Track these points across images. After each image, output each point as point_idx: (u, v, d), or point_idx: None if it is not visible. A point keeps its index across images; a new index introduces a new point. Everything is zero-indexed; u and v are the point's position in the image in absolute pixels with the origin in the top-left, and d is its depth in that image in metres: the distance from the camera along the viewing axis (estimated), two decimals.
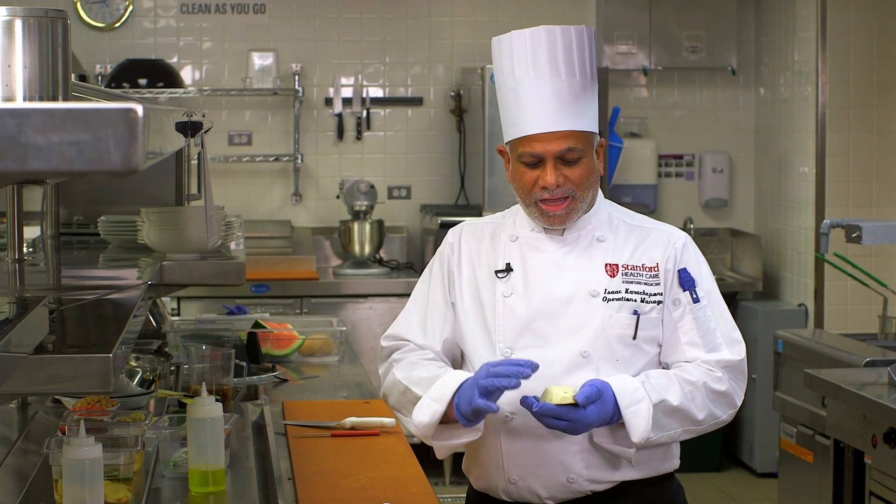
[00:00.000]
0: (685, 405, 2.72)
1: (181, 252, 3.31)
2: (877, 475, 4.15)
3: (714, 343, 2.81)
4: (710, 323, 2.81)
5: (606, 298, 2.76)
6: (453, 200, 7.37)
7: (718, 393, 2.79)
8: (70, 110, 1.30)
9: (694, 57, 7.46)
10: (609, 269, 2.79)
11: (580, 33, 2.78)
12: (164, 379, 3.88)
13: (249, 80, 7.17)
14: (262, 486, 2.98)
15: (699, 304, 2.80)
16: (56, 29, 1.61)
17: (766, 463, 6.86)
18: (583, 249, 2.81)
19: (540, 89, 2.74)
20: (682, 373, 2.77)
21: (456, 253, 2.89)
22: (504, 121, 2.83)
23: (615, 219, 2.87)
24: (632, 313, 2.76)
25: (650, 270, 2.80)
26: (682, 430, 2.75)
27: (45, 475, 2.76)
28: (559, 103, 2.73)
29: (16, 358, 1.79)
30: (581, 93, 2.75)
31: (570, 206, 2.76)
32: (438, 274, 2.91)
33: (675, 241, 2.84)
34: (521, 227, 2.86)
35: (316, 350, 4.58)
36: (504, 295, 2.80)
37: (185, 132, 2.77)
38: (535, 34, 2.77)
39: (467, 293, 2.84)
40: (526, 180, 2.76)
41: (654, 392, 2.70)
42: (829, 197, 6.40)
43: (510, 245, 2.85)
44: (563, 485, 2.77)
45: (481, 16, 7.38)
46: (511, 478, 2.79)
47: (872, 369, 4.39)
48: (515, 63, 2.78)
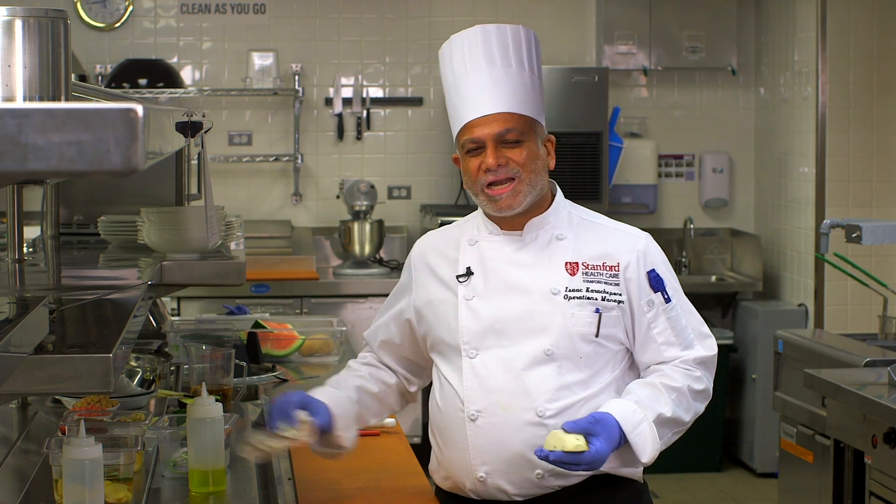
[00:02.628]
0: (676, 413, 2.80)
1: (181, 252, 3.31)
2: (877, 475, 4.15)
3: (687, 340, 2.85)
4: (681, 321, 2.85)
5: (567, 297, 2.79)
6: (453, 200, 7.37)
7: (699, 392, 2.86)
8: (70, 110, 1.30)
9: (694, 57, 7.46)
10: (569, 268, 2.82)
11: (516, 31, 2.84)
12: (164, 379, 3.88)
13: (249, 80, 7.17)
14: (262, 487, 2.98)
15: (671, 303, 2.84)
16: (56, 29, 1.61)
17: (767, 463, 6.86)
18: (541, 248, 2.83)
19: (477, 79, 2.79)
20: (666, 379, 2.82)
21: (418, 265, 2.95)
22: (451, 120, 2.87)
23: (575, 217, 2.89)
24: (594, 311, 2.79)
25: (611, 269, 2.82)
26: (672, 433, 2.83)
27: (46, 475, 2.76)
28: (495, 88, 2.78)
29: (16, 358, 1.79)
30: (518, 82, 2.79)
31: (516, 189, 2.77)
32: (398, 284, 3.01)
33: (637, 244, 2.86)
34: (480, 230, 2.89)
35: (316, 350, 4.58)
36: (466, 298, 2.83)
37: (185, 132, 2.77)
38: (470, 32, 2.85)
39: (428, 303, 2.90)
40: (471, 168, 2.80)
41: (649, 409, 2.76)
42: (829, 197, 6.40)
43: (469, 249, 2.88)
44: (532, 481, 2.79)
45: (481, 16, 7.38)
46: (479, 476, 2.80)
47: (872, 369, 4.39)
48: (454, 61, 2.84)
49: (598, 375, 2.80)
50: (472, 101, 2.78)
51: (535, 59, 2.84)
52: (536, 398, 2.75)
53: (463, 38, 2.84)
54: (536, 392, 2.76)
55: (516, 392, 2.76)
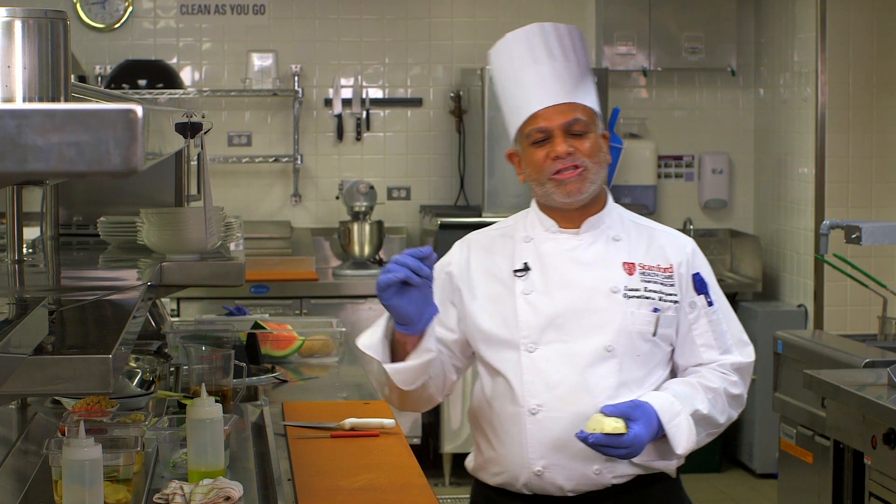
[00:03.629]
0: (711, 412, 2.84)
1: (181, 253, 3.31)
2: (876, 476, 4.15)
3: (726, 345, 2.91)
4: (721, 325, 2.91)
5: (627, 295, 2.82)
6: (453, 201, 7.37)
7: (734, 396, 2.91)
8: (70, 111, 1.30)
9: (693, 58, 7.46)
10: (626, 268, 2.86)
11: (570, 30, 2.90)
12: (163, 380, 3.87)
13: (249, 81, 7.17)
14: (262, 487, 2.98)
15: (713, 307, 2.91)
16: (56, 30, 1.61)
17: (766, 464, 6.86)
18: (600, 247, 2.87)
19: (539, 71, 2.83)
20: (703, 380, 2.87)
21: (463, 263, 2.92)
22: (509, 114, 2.89)
23: (626, 220, 2.94)
24: (652, 311, 2.83)
25: (665, 271, 2.87)
26: (706, 433, 2.87)
27: (45, 476, 2.76)
28: (559, 81, 2.82)
29: (15, 359, 1.79)
30: (578, 76, 2.84)
31: (584, 176, 2.81)
32: (438, 280, 2.89)
33: (686, 246, 2.93)
34: (534, 228, 2.91)
35: (315, 351, 4.58)
36: (524, 293, 2.84)
37: (185, 133, 2.77)
38: (528, 29, 2.91)
39: (482, 297, 2.88)
40: (537, 158, 2.82)
41: (687, 403, 2.80)
42: (829, 198, 6.39)
43: (524, 245, 2.89)
44: (589, 476, 2.81)
45: (481, 17, 7.39)
46: (536, 470, 2.81)
47: (872, 370, 4.39)
48: (514, 55, 2.87)
49: (651, 374, 2.85)
50: (537, 91, 2.82)
51: (587, 57, 2.91)
52: (598, 394, 2.78)
53: (521, 34, 2.89)
54: (598, 388, 2.79)
55: (578, 387, 2.79)
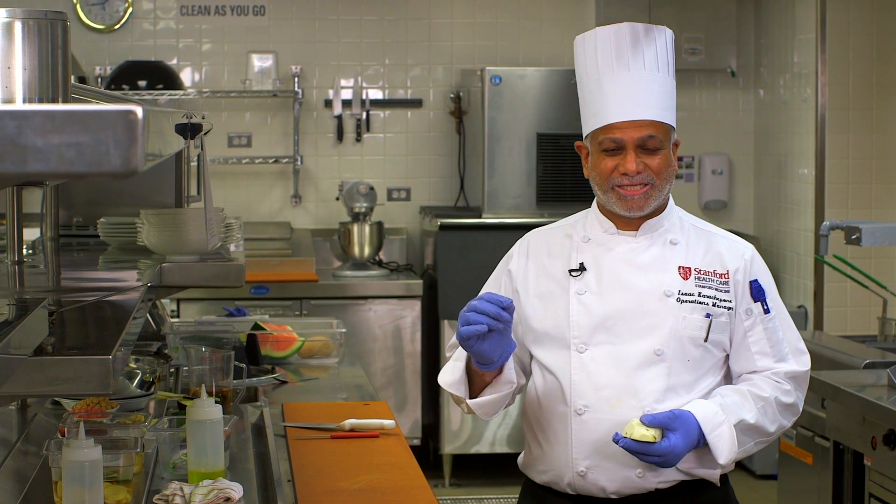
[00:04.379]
0: (760, 421, 2.83)
1: (181, 254, 3.31)
2: (876, 477, 4.15)
3: (782, 353, 2.89)
4: (778, 333, 2.89)
5: (680, 300, 2.82)
6: (453, 202, 7.37)
7: (786, 405, 2.88)
8: (70, 112, 1.30)
9: (693, 59, 7.46)
10: (682, 272, 2.86)
11: (662, 32, 2.91)
12: (163, 381, 3.87)
13: (249, 82, 7.17)
14: (262, 488, 2.98)
15: (769, 315, 2.89)
16: (56, 31, 1.61)
17: (766, 465, 6.86)
18: (656, 250, 2.87)
19: (624, 80, 2.83)
20: (754, 388, 2.85)
21: (523, 261, 2.94)
22: (585, 113, 2.91)
23: (686, 223, 2.94)
24: (704, 316, 2.82)
25: (721, 277, 2.87)
26: (755, 442, 2.85)
27: (45, 477, 2.76)
28: (642, 94, 2.81)
29: (15, 360, 1.79)
30: (662, 87, 2.84)
31: (648, 193, 2.82)
32: (494, 283, 2.98)
33: (745, 252, 2.92)
34: (593, 228, 2.91)
35: (315, 352, 4.58)
36: (578, 293, 2.84)
37: (185, 134, 2.77)
38: (619, 30, 2.90)
39: (535, 295, 2.89)
40: (605, 167, 2.83)
41: (732, 413, 2.79)
42: (829, 199, 6.40)
43: (583, 245, 2.90)
44: (632, 480, 2.81)
45: (481, 17, 7.39)
46: (580, 471, 2.82)
47: (872, 371, 4.39)
48: (599, 56, 2.87)
49: (701, 380, 2.84)
50: (618, 102, 2.81)
51: (673, 63, 2.89)
52: (644, 398, 2.78)
53: (611, 34, 2.88)
54: (645, 392, 2.79)
55: (625, 390, 2.79)
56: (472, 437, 6.75)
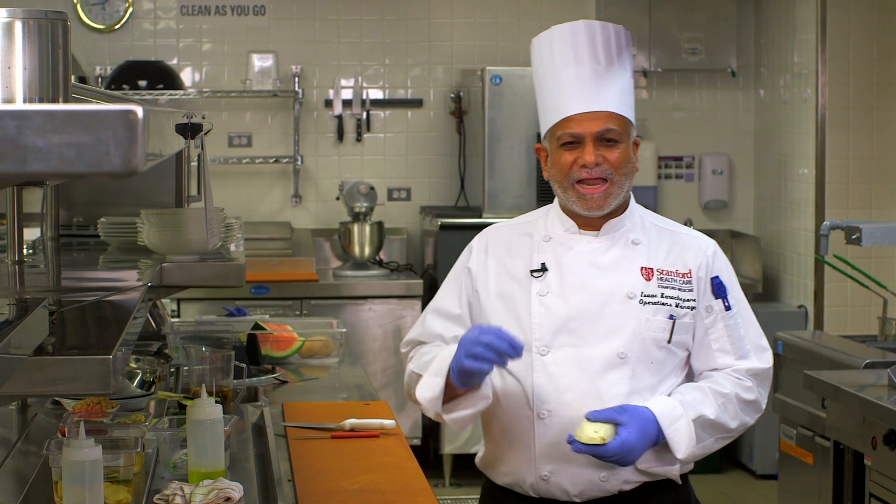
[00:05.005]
0: (720, 417, 2.80)
1: (181, 254, 3.31)
2: (877, 477, 4.15)
3: (743, 350, 2.86)
4: (739, 330, 2.87)
5: (643, 301, 2.80)
6: (453, 202, 7.37)
7: (748, 402, 2.85)
8: (70, 112, 1.30)
9: (693, 59, 7.46)
10: (644, 273, 2.83)
11: (618, 31, 2.90)
12: (163, 380, 3.87)
13: (249, 82, 7.17)
14: (262, 488, 2.98)
15: (730, 311, 2.86)
16: (56, 31, 1.61)
17: (766, 464, 6.86)
18: (619, 251, 2.84)
19: (580, 74, 2.81)
20: (715, 385, 2.83)
21: (482, 259, 2.90)
22: (543, 110, 2.87)
23: (647, 222, 2.91)
24: (668, 317, 2.80)
25: (684, 276, 2.85)
26: (714, 439, 2.82)
27: (45, 477, 2.76)
28: (599, 86, 2.80)
29: (16, 359, 1.79)
30: (619, 83, 2.82)
31: (608, 191, 2.79)
32: (453, 282, 2.93)
33: (707, 249, 2.90)
34: (554, 227, 2.88)
35: (316, 352, 4.58)
36: (540, 294, 2.82)
37: (185, 134, 2.77)
38: (575, 26, 2.89)
39: (496, 295, 2.86)
40: (564, 162, 2.80)
41: (691, 408, 2.76)
42: (829, 198, 6.39)
43: (543, 245, 2.87)
44: (595, 483, 2.80)
45: (481, 17, 7.39)
46: (543, 475, 2.81)
47: (872, 371, 4.39)
48: (556, 52, 2.85)
49: (664, 381, 2.83)
50: (575, 95, 2.79)
51: (631, 61, 2.88)
52: (608, 401, 2.76)
53: (566, 31, 2.87)
54: (609, 395, 2.76)
55: (589, 394, 2.77)
56: (473, 437, 6.75)
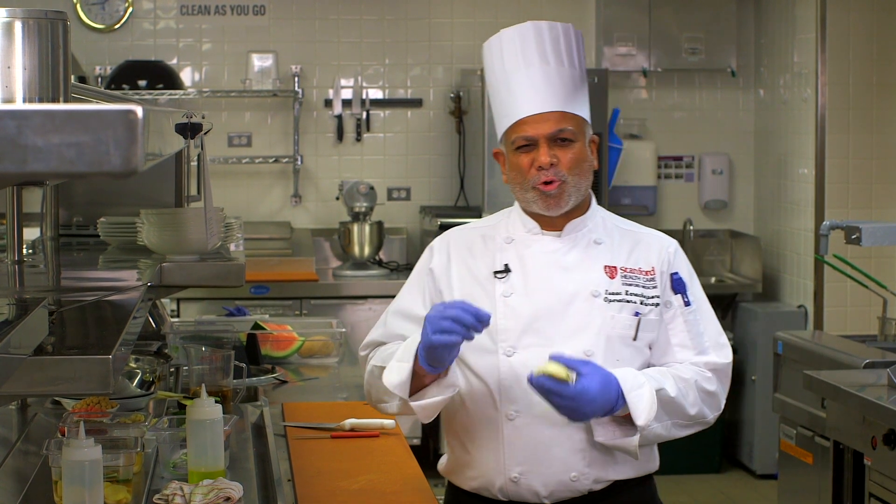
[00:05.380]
0: (679, 399, 2.77)
1: (181, 253, 3.31)
2: (876, 477, 4.15)
3: (702, 346, 2.85)
4: (699, 326, 2.86)
5: (608, 299, 2.79)
6: (453, 202, 7.37)
7: (708, 392, 2.83)
8: (70, 112, 1.30)
9: (693, 58, 7.46)
10: (608, 271, 2.82)
11: (567, 30, 2.87)
12: (163, 380, 3.87)
13: (249, 82, 7.17)
14: (262, 488, 2.98)
15: (690, 307, 2.86)
16: (56, 30, 1.61)
17: (766, 464, 6.86)
18: (581, 250, 2.84)
19: (530, 75, 2.80)
20: (675, 371, 2.81)
21: (444, 260, 2.88)
22: (497, 114, 2.86)
23: (609, 223, 2.91)
24: (633, 315, 2.80)
25: (647, 274, 2.84)
26: (672, 422, 2.78)
27: (45, 477, 2.76)
28: (549, 87, 2.79)
29: (15, 359, 1.79)
30: (570, 81, 2.81)
31: (562, 190, 2.78)
32: (416, 284, 2.91)
33: (668, 247, 2.90)
34: (516, 229, 2.88)
35: (315, 351, 4.58)
36: (504, 295, 2.80)
37: (185, 133, 2.78)
38: (522, 28, 2.86)
39: (460, 297, 2.82)
40: (522, 164, 2.79)
41: (654, 381, 2.73)
42: (829, 198, 6.40)
43: (506, 246, 2.86)
44: (566, 483, 2.78)
45: (481, 17, 7.38)
46: (512, 477, 2.79)
47: (872, 371, 4.39)
48: (505, 56, 2.83)
49: None
50: (526, 97, 2.78)
51: (583, 59, 2.87)
52: None
53: (514, 34, 2.85)
54: None
55: None
56: None
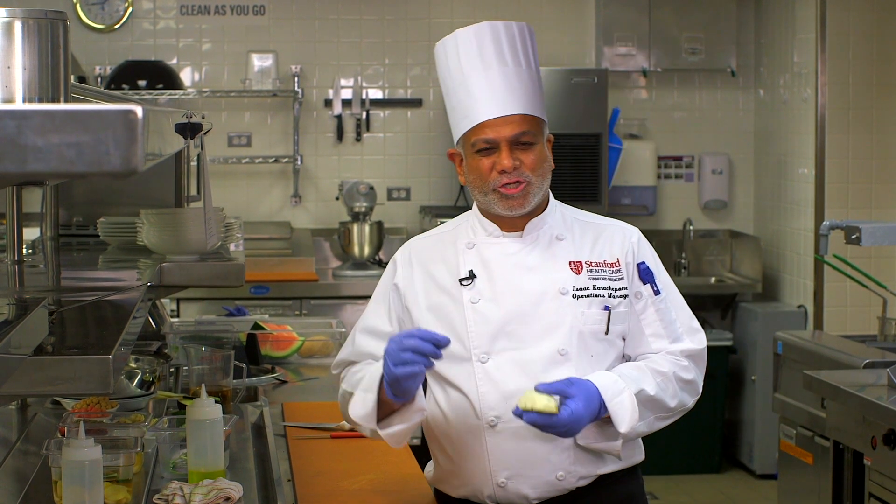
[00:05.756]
0: (659, 395, 2.76)
1: (180, 253, 3.31)
2: (876, 477, 4.15)
3: (676, 333, 2.85)
4: (670, 314, 2.85)
5: (576, 295, 2.78)
6: (452, 202, 7.37)
7: (686, 381, 2.83)
8: (70, 112, 1.30)
9: (693, 58, 7.46)
10: (573, 267, 2.81)
11: (522, 28, 2.85)
12: (163, 380, 3.87)
13: (249, 82, 7.17)
14: (262, 488, 2.98)
15: (660, 296, 2.85)
16: (56, 30, 1.61)
17: (766, 464, 6.86)
18: (544, 248, 2.83)
19: (489, 78, 2.78)
20: (653, 364, 2.81)
21: (408, 274, 2.87)
22: (454, 117, 2.85)
23: (568, 217, 2.89)
24: (602, 309, 2.79)
25: (612, 266, 2.83)
26: (655, 417, 2.78)
27: (45, 477, 2.76)
28: (509, 89, 2.77)
29: (15, 359, 1.79)
30: (528, 81, 2.80)
31: (527, 190, 2.77)
32: (381, 300, 2.89)
33: (630, 236, 2.88)
34: (477, 233, 2.86)
35: (315, 351, 4.58)
36: (472, 301, 2.79)
37: (185, 133, 2.78)
38: (479, 29, 2.84)
39: (428, 309, 2.82)
40: (482, 168, 2.78)
41: (633, 383, 2.73)
42: (829, 198, 6.40)
43: (468, 252, 2.84)
44: (553, 483, 2.78)
45: (481, 18, 7.34)
46: (499, 482, 2.77)
47: (872, 371, 4.39)
48: (462, 58, 2.81)
49: None
50: (485, 100, 2.77)
51: (536, 57, 2.85)
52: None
53: (471, 34, 2.82)
54: None
55: None
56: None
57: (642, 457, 2.92)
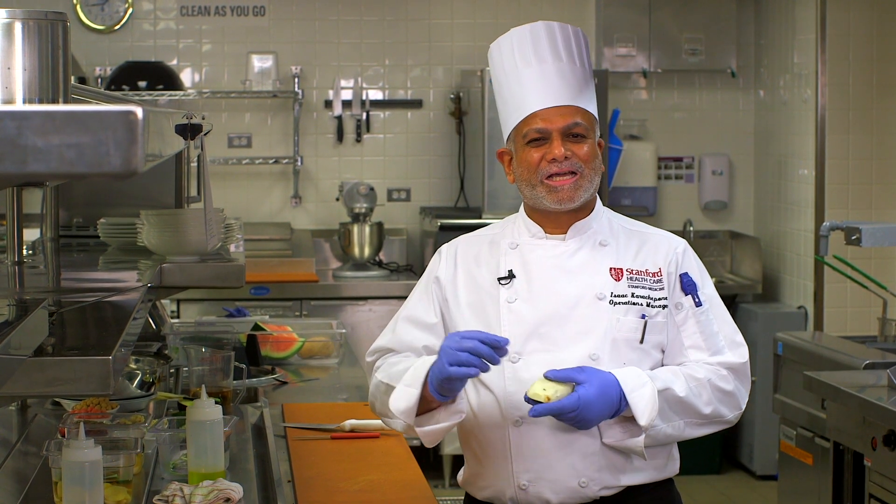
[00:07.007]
0: (690, 398, 2.71)
1: (181, 254, 3.31)
2: (876, 477, 4.15)
3: (717, 346, 2.80)
4: (712, 326, 2.80)
5: (613, 302, 2.75)
6: (453, 203, 7.37)
7: (724, 392, 2.77)
8: (70, 113, 1.30)
9: (693, 59, 7.46)
10: (614, 273, 2.78)
11: (576, 32, 2.87)
12: (163, 381, 3.88)
13: (249, 83, 7.17)
14: (262, 489, 2.98)
15: (701, 307, 2.80)
16: (56, 31, 1.61)
17: (766, 465, 6.86)
18: (587, 253, 2.80)
19: (543, 71, 2.79)
20: (688, 369, 2.76)
21: (451, 269, 2.86)
22: (506, 111, 2.84)
23: (615, 224, 2.87)
24: (639, 317, 2.75)
25: (654, 276, 2.79)
26: (685, 422, 2.73)
27: (45, 477, 2.76)
28: (563, 82, 2.78)
29: (15, 360, 1.79)
30: (582, 79, 2.80)
31: (578, 183, 2.75)
32: (424, 291, 2.89)
33: (676, 247, 2.84)
34: (521, 234, 2.85)
35: (315, 352, 4.58)
36: (508, 301, 2.77)
37: (185, 134, 2.77)
38: (534, 27, 2.86)
39: (467, 306, 2.81)
40: (531, 159, 2.76)
41: (660, 381, 2.68)
42: (829, 199, 6.40)
43: (510, 252, 2.83)
44: (575, 489, 2.74)
45: (481, 18, 7.39)
46: (521, 484, 2.75)
47: (872, 371, 4.39)
48: (517, 53, 2.82)
49: None
50: (539, 91, 2.77)
51: (590, 60, 2.87)
52: None
53: (526, 32, 2.85)
54: None
55: None
56: None
57: (676, 469, 2.86)
